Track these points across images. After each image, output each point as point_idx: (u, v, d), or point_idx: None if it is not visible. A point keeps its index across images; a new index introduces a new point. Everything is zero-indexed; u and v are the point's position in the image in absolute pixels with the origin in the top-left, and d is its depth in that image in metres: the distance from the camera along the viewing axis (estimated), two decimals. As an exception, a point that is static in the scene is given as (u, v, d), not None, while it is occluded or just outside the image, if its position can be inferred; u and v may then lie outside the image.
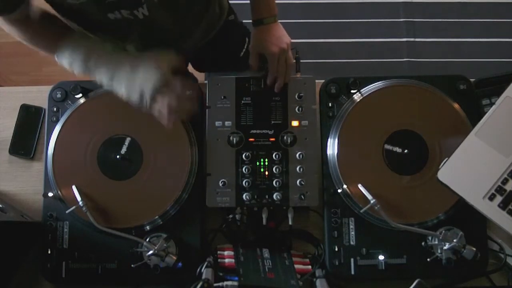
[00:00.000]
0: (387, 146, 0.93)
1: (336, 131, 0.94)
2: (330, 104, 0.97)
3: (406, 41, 2.01)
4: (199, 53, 1.14)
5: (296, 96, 0.95)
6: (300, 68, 1.03)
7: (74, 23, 0.86)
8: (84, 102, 0.96)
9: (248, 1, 0.97)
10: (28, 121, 1.03)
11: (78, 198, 0.89)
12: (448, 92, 0.96)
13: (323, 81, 0.99)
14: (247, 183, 0.92)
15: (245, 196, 0.91)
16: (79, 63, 0.78)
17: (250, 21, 0.97)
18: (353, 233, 0.91)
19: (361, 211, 0.89)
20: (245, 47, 1.20)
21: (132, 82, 0.78)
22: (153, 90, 0.78)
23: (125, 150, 0.93)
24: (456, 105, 0.95)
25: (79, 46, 0.78)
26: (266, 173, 0.92)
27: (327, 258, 0.91)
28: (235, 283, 0.80)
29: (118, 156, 0.93)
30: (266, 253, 0.90)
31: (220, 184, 0.92)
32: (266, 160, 0.93)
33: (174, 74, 0.82)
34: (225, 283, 0.79)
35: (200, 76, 1.78)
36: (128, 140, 0.93)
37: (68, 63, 0.78)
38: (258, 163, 0.93)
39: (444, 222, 0.90)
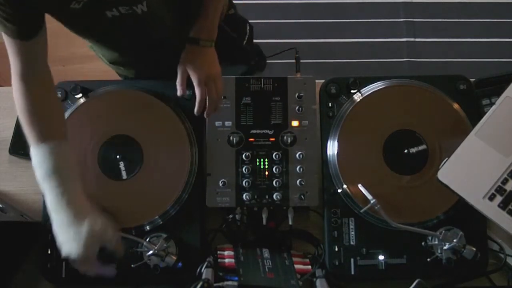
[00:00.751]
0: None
1: (336, 131, 0.94)
2: (330, 104, 0.97)
3: (406, 41, 2.00)
4: None
5: (296, 96, 0.95)
6: (300, 68, 1.04)
7: (72, 29, 0.86)
8: (84, 102, 0.96)
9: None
10: (28, 121, 1.03)
11: (78, 198, 0.89)
12: (448, 92, 0.96)
13: (323, 81, 0.99)
14: (247, 183, 0.92)
15: (245, 196, 0.91)
16: (39, 173, 0.78)
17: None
18: (353, 233, 0.91)
19: (361, 211, 0.89)
20: (246, 38, 1.20)
21: (64, 231, 0.77)
22: (73, 257, 0.76)
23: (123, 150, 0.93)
24: (456, 105, 0.95)
25: (50, 160, 0.77)
26: (266, 173, 0.93)
27: (327, 258, 0.91)
28: (235, 283, 0.80)
29: (118, 156, 0.93)
30: (266, 253, 0.90)
31: (220, 184, 0.92)
32: (266, 160, 0.93)
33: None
34: (225, 283, 0.79)
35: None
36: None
37: (33, 164, 0.78)
38: (258, 163, 0.93)
39: (444, 222, 0.90)
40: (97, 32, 0.90)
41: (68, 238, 0.76)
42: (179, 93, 0.90)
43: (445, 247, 0.87)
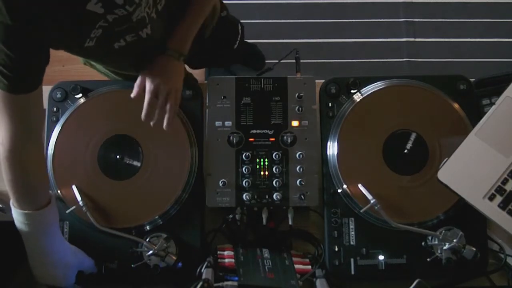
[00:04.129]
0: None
1: (336, 131, 0.94)
2: (330, 104, 0.97)
3: (406, 41, 2.00)
4: (195, 53, 1.14)
5: (296, 96, 0.95)
6: (300, 68, 1.04)
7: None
8: (84, 102, 0.96)
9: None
10: (28, 121, 1.02)
11: (78, 198, 0.89)
12: (448, 92, 0.96)
13: (323, 81, 0.99)
14: (247, 183, 0.92)
15: (245, 196, 0.91)
16: (19, 227, 0.80)
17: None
18: (353, 233, 0.91)
19: (361, 211, 0.89)
20: (239, 38, 1.20)
21: (40, 271, 0.83)
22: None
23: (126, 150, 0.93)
24: (456, 105, 0.95)
25: (31, 226, 0.79)
26: (266, 173, 0.93)
27: (327, 258, 0.91)
28: (235, 283, 0.80)
29: (118, 156, 0.93)
30: (266, 253, 0.90)
31: (220, 184, 0.92)
32: (266, 160, 0.93)
33: None
34: (225, 283, 0.80)
35: (200, 76, 1.78)
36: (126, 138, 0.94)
37: (14, 217, 0.80)
38: (258, 163, 0.93)
39: (444, 222, 0.90)
40: (103, 60, 0.92)
41: (43, 275, 0.83)
42: (132, 94, 0.87)
43: (445, 247, 0.87)
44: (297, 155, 0.93)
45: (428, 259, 0.88)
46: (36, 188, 0.80)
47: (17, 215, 0.79)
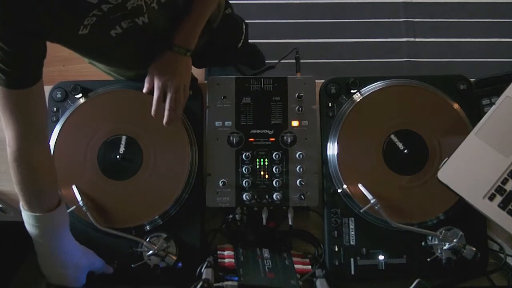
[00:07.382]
0: (392, 137, 0.92)
1: (336, 131, 0.94)
2: (330, 104, 0.97)
3: (406, 41, 2.00)
4: (199, 51, 1.14)
5: (296, 96, 0.95)
6: (300, 68, 1.03)
7: (79, 53, 0.88)
8: (84, 102, 0.96)
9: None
10: (28, 121, 1.02)
11: (78, 198, 0.89)
12: (448, 92, 0.96)
13: (323, 81, 0.99)
14: (247, 183, 0.92)
15: (245, 196, 0.91)
16: (29, 230, 0.80)
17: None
18: (353, 233, 0.91)
19: (361, 211, 0.89)
20: (243, 37, 1.20)
21: (50, 272, 0.83)
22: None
23: (124, 149, 0.93)
24: (456, 105, 0.95)
25: (40, 229, 0.79)
26: (266, 173, 0.93)
27: (327, 258, 0.91)
28: (235, 283, 0.80)
29: (118, 156, 0.93)
30: (266, 253, 0.90)
31: (220, 184, 0.92)
32: (266, 160, 0.93)
33: None
34: (225, 283, 0.80)
35: (200, 76, 1.78)
36: (124, 138, 0.93)
37: (24, 219, 0.79)
38: (258, 163, 0.93)
39: (444, 222, 0.90)
40: (102, 53, 0.91)
41: (53, 275, 0.83)
42: (144, 90, 0.89)
43: (445, 247, 0.87)
44: (297, 155, 0.93)
45: (428, 259, 0.88)
46: (45, 190, 0.79)
47: (27, 218, 0.79)
